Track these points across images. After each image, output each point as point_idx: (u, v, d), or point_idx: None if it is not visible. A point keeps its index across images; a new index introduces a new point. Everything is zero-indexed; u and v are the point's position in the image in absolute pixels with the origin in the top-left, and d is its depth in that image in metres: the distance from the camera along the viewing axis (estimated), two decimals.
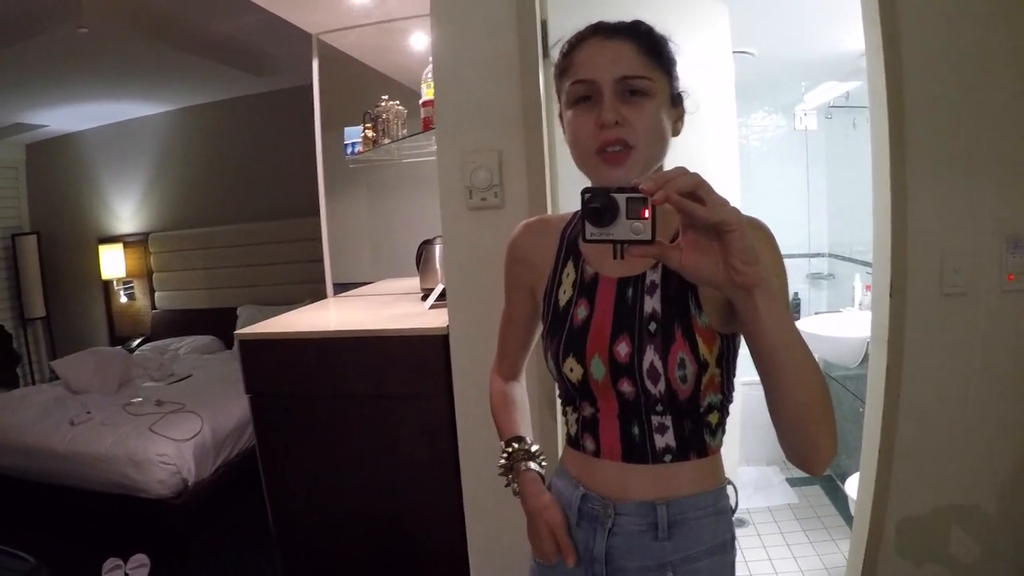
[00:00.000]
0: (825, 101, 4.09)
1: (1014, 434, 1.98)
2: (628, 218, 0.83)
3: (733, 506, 1.19)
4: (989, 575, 2.05)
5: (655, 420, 1.10)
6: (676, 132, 1.15)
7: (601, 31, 1.10)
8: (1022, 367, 1.95)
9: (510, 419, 1.34)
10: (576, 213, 1.23)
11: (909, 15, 1.84)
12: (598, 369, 1.11)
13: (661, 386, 1.06)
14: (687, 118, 1.18)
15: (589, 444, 1.17)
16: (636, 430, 1.11)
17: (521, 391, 1.43)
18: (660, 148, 1.11)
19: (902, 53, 1.85)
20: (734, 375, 1.14)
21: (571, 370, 1.13)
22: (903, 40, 1.84)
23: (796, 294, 4.61)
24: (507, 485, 1.26)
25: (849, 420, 3.46)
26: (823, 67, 3.81)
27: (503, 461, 1.27)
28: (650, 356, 1.06)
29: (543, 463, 1.27)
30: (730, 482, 1.19)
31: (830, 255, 4.60)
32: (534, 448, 1.28)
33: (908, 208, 1.89)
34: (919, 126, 1.87)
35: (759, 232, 1.03)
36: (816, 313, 4.26)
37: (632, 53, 1.07)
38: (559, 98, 1.16)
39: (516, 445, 1.28)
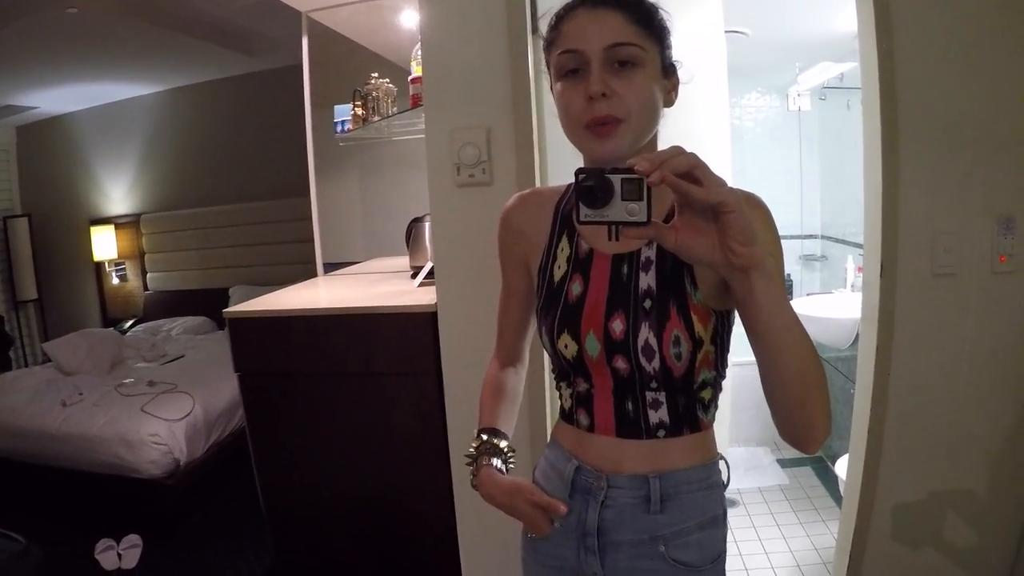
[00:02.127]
0: (819, 82, 4.08)
1: (1004, 415, 1.99)
2: (623, 199, 0.82)
3: (725, 481, 1.19)
4: (980, 557, 2.06)
5: (649, 396, 1.10)
6: (669, 103, 1.14)
7: (589, 1, 1.08)
8: (1012, 348, 1.96)
9: (491, 410, 1.32)
10: (570, 185, 1.21)
11: None
12: (593, 346, 1.10)
13: (656, 363, 1.06)
14: (680, 94, 1.16)
15: (583, 419, 1.17)
16: (630, 406, 1.11)
17: (514, 379, 1.40)
18: (651, 119, 1.09)
19: (894, 34, 1.84)
20: (728, 351, 1.14)
21: (565, 346, 1.13)
22: (895, 20, 1.83)
23: (789, 275, 4.61)
24: (472, 475, 1.24)
25: (840, 402, 3.46)
26: (818, 48, 3.78)
27: (471, 450, 1.25)
28: (645, 333, 1.06)
29: (510, 462, 1.24)
30: (722, 457, 1.19)
31: (823, 237, 4.60)
32: (503, 444, 1.25)
33: (900, 188, 1.89)
34: (911, 107, 1.86)
35: (756, 209, 1.03)
36: (808, 294, 4.27)
37: (620, 22, 1.05)
38: (548, 70, 1.14)
39: (485, 438, 1.25)
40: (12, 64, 5.01)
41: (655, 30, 1.08)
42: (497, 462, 1.22)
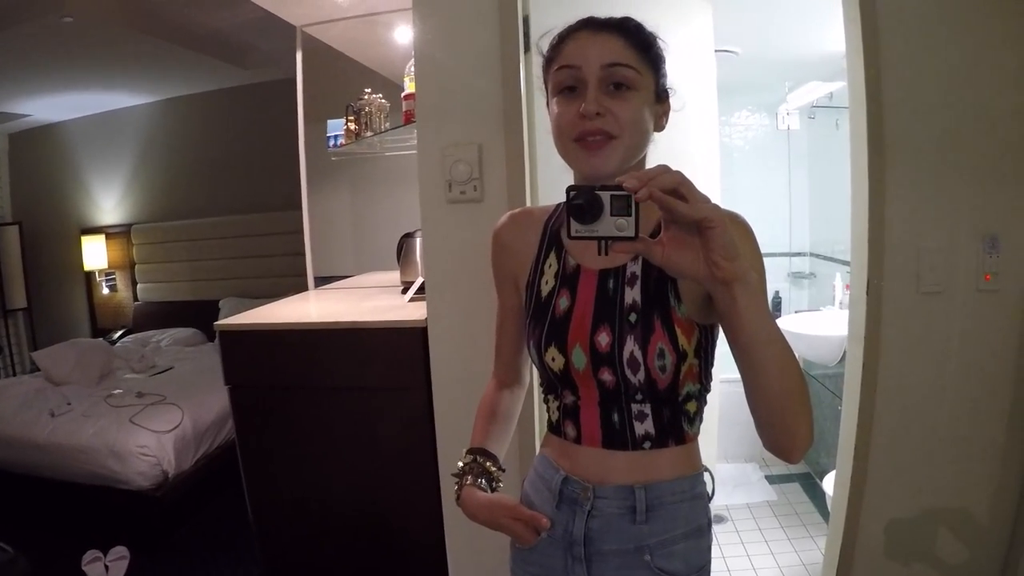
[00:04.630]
0: (808, 101, 4.12)
1: (990, 431, 2.00)
2: (612, 215, 0.85)
3: (710, 492, 1.21)
4: (968, 572, 2.07)
5: (635, 408, 1.12)
6: (660, 128, 1.17)
7: (591, 24, 1.12)
8: (997, 366, 1.98)
9: (484, 429, 1.33)
10: (559, 205, 1.24)
11: (889, 15, 1.86)
12: (579, 359, 1.12)
13: (641, 375, 1.08)
14: (671, 116, 1.19)
15: (570, 431, 1.19)
16: (616, 417, 1.13)
17: (509, 401, 1.40)
18: (641, 141, 1.12)
19: (881, 54, 1.87)
20: (712, 364, 1.16)
21: (553, 359, 1.15)
22: (883, 41, 1.87)
23: (777, 292, 4.63)
24: (456, 493, 1.24)
25: (828, 418, 3.48)
26: (807, 67, 3.83)
27: (460, 465, 1.26)
28: (630, 346, 1.08)
29: (498, 483, 1.24)
30: (707, 469, 1.21)
31: (811, 254, 4.62)
32: (490, 465, 1.25)
33: (886, 207, 1.92)
34: (898, 126, 1.89)
35: (739, 227, 1.05)
36: (797, 312, 4.28)
37: (620, 45, 1.09)
38: (545, 88, 1.17)
39: (473, 458, 1.26)
40: (6, 71, 5.01)
41: (652, 57, 1.13)
42: (482, 482, 1.23)
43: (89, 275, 6.73)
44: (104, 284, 6.69)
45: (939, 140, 1.90)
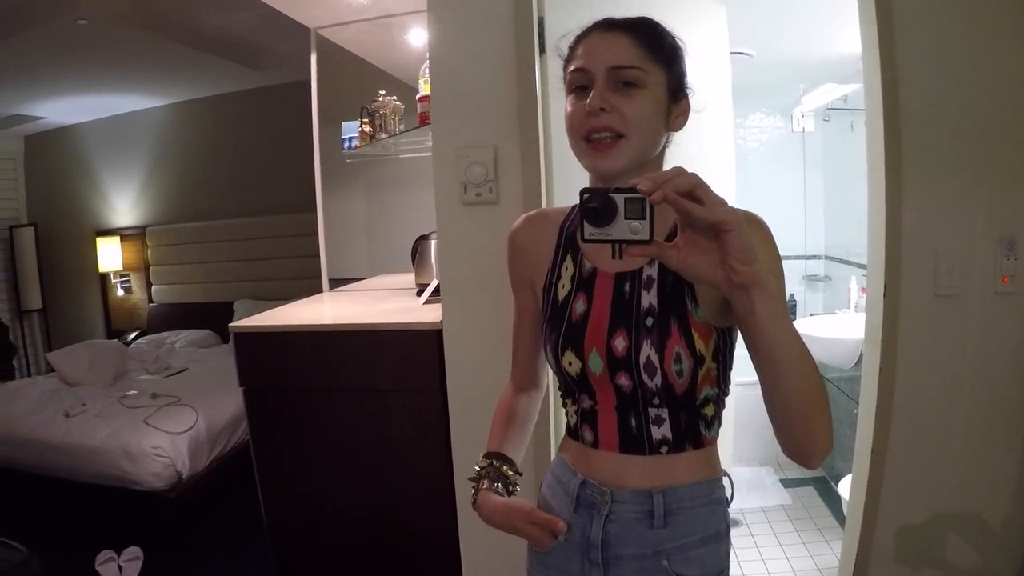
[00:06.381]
0: (823, 103, 4.10)
1: (1006, 437, 1.99)
2: (626, 218, 0.84)
3: (728, 497, 1.20)
4: None
5: (652, 412, 1.11)
6: (676, 127, 1.16)
7: (602, 25, 1.13)
8: (1015, 369, 1.96)
9: (501, 433, 1.33)
10: (575, 206, 1.23)
11: (905, 17, 1.84)
12: (596, 363, 1.12)
13: (658, 380, 1.07)
14: (689, 117, 1.18)
15: (588, 435, 1.18)
16: (633, 422, 1.13)
17: (527, 405, 1.40)
18: (651, 140, 1.12)
19: (897, 55, 1.85)
20: (731, 368, 1.15)
21: (569, 363, 1.14)
22: (899, 42, 1.85)
23: (792, 295, 4.62)
24: (472, 497, 1.23)
25: (844, 422, 3.46)
26: (822, 69, 3.81)
27: (476, 469, 1.26)
28: (647, 350, 1.07)
29: (515, 487, 1.24)
30: (726, 473, 1.20)
31: (826, 257, 4.60)
32: (507, 469, 1.25)
33: (903, 209, 1.90)
34: (914, 128, 1.88)
35: (756, 228, 1.04)
36: (812, 315, 4.27)
37: (628, 45, 1.09)
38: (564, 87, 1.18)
39: (490, 462, 1.26)
40: (21, 74, 5.04)
41: (663, 55, 1.12)
42: (498, 486, 1.22)
43: (104, 277, 6.77)
44: (119, 286, 6.73)
45: (956, 142, 1.89)
